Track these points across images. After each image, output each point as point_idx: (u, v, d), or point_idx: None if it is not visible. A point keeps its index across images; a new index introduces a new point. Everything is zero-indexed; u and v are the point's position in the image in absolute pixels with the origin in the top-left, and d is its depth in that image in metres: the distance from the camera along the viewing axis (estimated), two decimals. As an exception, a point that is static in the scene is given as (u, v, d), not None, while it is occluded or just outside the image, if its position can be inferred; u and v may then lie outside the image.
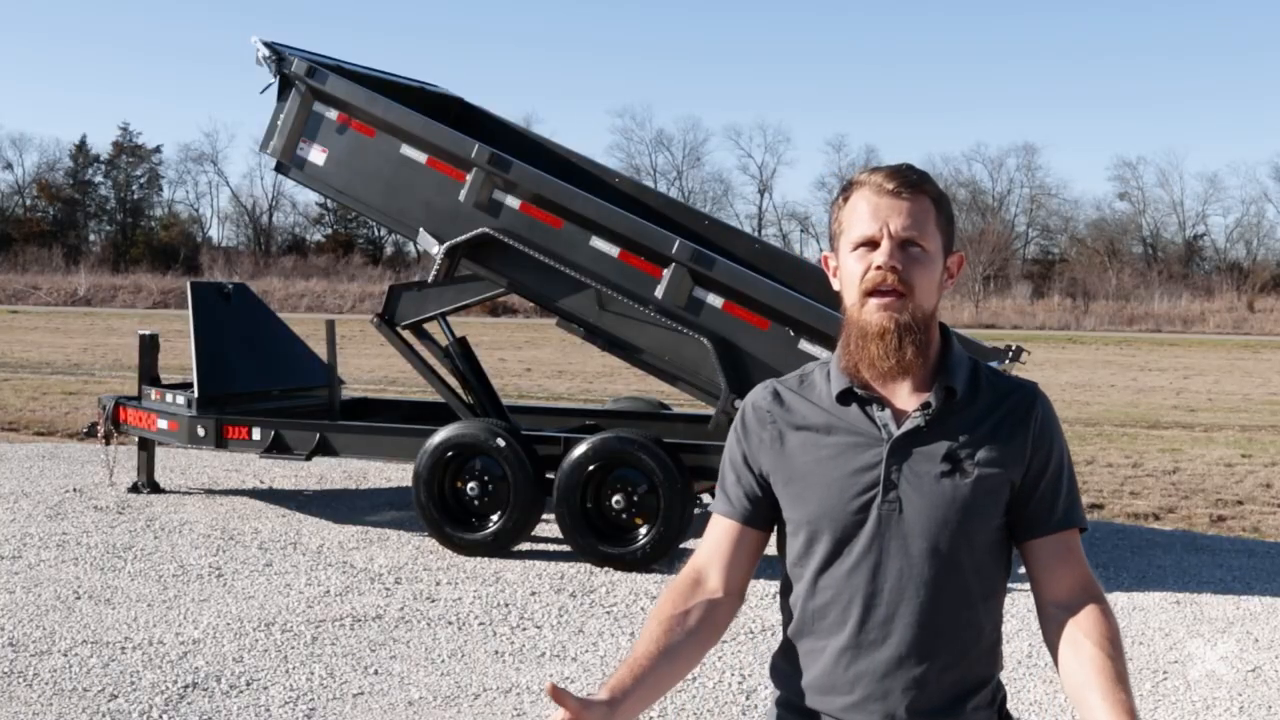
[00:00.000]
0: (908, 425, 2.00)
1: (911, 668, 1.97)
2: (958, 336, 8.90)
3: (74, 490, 9.77)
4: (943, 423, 2.00)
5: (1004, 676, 2.09)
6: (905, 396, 2.02)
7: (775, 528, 2.13)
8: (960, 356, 2.06)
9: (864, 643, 1.99)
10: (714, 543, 2.12)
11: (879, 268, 1.96)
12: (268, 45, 8.52)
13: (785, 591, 2.11)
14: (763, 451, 2.08)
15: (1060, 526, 2.03)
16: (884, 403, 2.02)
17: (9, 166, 70.56)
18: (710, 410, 7.94)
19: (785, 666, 2.10)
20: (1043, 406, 2.05)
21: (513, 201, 8.07)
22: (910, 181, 1.99)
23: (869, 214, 1.98)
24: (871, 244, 1.98)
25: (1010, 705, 2.13)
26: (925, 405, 2.00)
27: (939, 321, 2.07)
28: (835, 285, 2.08)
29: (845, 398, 2.03)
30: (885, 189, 1.98)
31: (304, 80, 8.40)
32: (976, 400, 2.03)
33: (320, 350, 9.88)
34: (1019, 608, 5.63)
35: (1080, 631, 1.96)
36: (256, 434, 8.66)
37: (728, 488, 2.14)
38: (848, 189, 2.05)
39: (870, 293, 1.97)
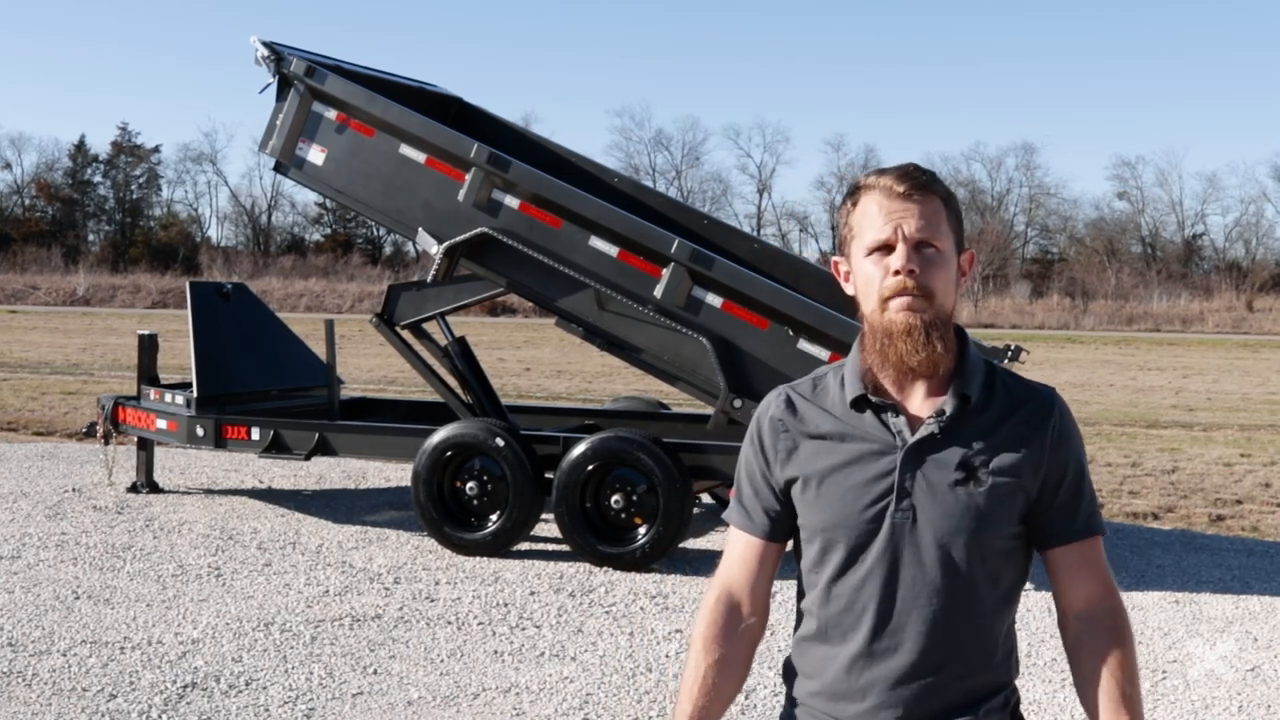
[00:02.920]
0: (922, 432, 1.98)
1: (924, 676, 1.96)
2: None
3: (73, 490, 9.77)
4: (957, 430, 1.98)
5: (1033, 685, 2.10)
6: (920, 403, 2.01)
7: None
8: (976, 361, 2.05)
9: (877, 651, 1.98)
10: (741, 561, 2.12)
11: (897, 272, 1.95)
12: (267, 45, 8.52)
13: (800, 595, 2.11)
14: (779, 462, 2.07)
15: (1081, 535, 2.03)
16: (899, 409, 2.01)
17: (8, 166, 70.61)
18: (709, 410, 7.94)
19: (798, 670, 2.09)
20: (1060, 413, 2.03)
21: (512, 201, 8.07)
22: (920, 183, 1.98)
23: (881, 218, 1.97)
24: (886, 248, 1.97)
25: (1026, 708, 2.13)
26: (940, 412, 1.99)
27: (955, 325, 2.05)
28: (849, 290, 2.06)
29: (860, 404, 2.02)
30: (896, 191, 1.97)
31: (303, 80, 8.40)
32: (992, 406, 2.02)
33: (319, 350, 9.87)
34: (1019, 607, 5.63)
35: (1096, 654, 1.99)
36: (255, 434, 8.66)
37: (745, 501, 2.13)
38: (855, 192, 2.03)
39: (889, 297, 1.96)
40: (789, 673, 2.12)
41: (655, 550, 7.48)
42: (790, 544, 2.15)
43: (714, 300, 7.65)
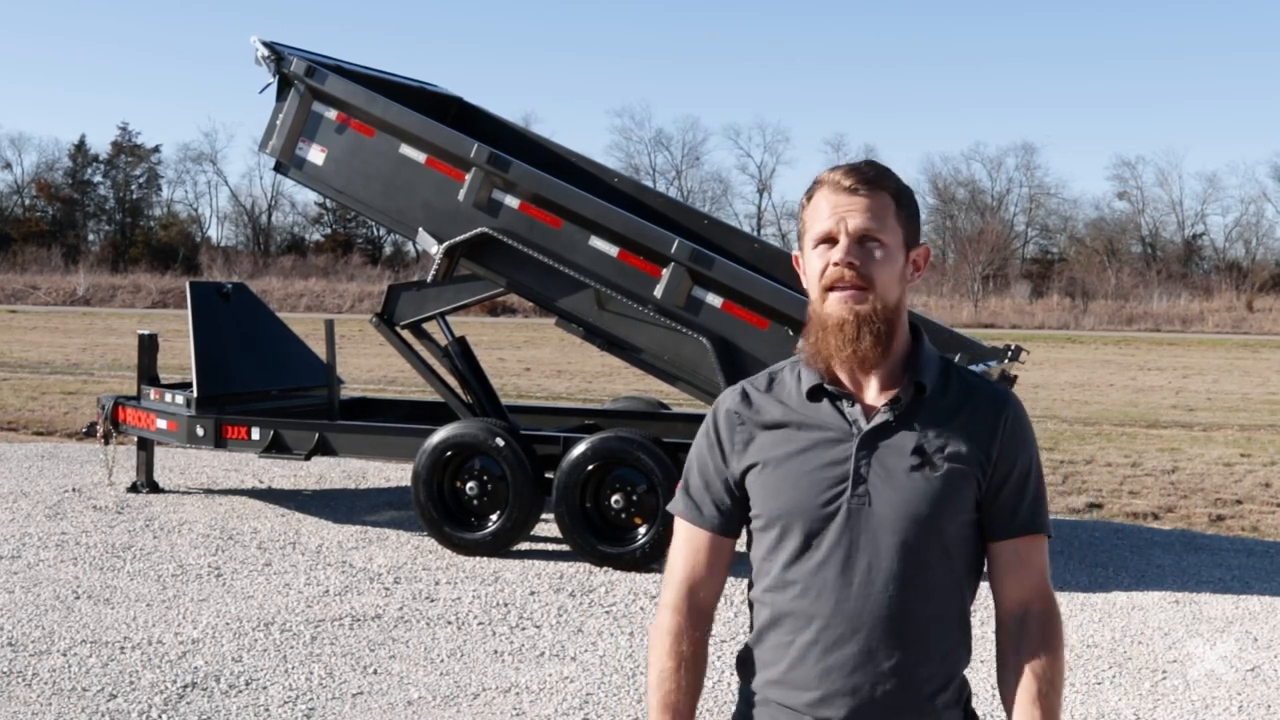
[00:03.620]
0: (877, 420, 2.02)
1: (879, 662, 1.98)
2: (955, 330, 8.85)
3: (73, 490, 9.77)
4: (912, 417, 2.02)
5: (967, 672, 2.10)
6: (875, 392, 2.04)
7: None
8: (931, 354, 2.08)
9: (832, 638, 1.99)
10: (694, 557, 2.14)
11: (836, 264, 1.99)
12: (267, 45, 8.52)
13: (751, 586, 2.13)
14: (735, 454, 2.10)
15: (1021, 531, 2.05)
16: (854, 398, 2.04)
17: (8, 166, 70.57)
18: (709, 410, 7.92)
19: (753, 660, 2.11)
20: (1014, 410, 2.07)
21: (512, 201, 8.07)
22: (868, 178, 2.02)
23: (828, 211, 2.02)
24: (830, 240, 2.01)
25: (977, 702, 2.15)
26: (895, 400, 2.02)
27: (911, 319, 2.08)
28: (804, 283, 2.10)
29: (815, 394, 2.05)
30: (843, 186, 2.01)
31: (303, 80, 8.40)
32: (947, 396, 2.05)
33: (319, 350, 9.87)
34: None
35: (1021, 655, 2.03)
36: (255, 434, 8.66)
37: (694, 494, 2.15)
38: (811, 188, 2.08)
39: (830, 288, 2.00)
40: (743, 666, 2.13)
41: (655, 550, 7.48)
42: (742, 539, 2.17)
43: (714, 300, 7.65)
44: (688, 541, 2.15)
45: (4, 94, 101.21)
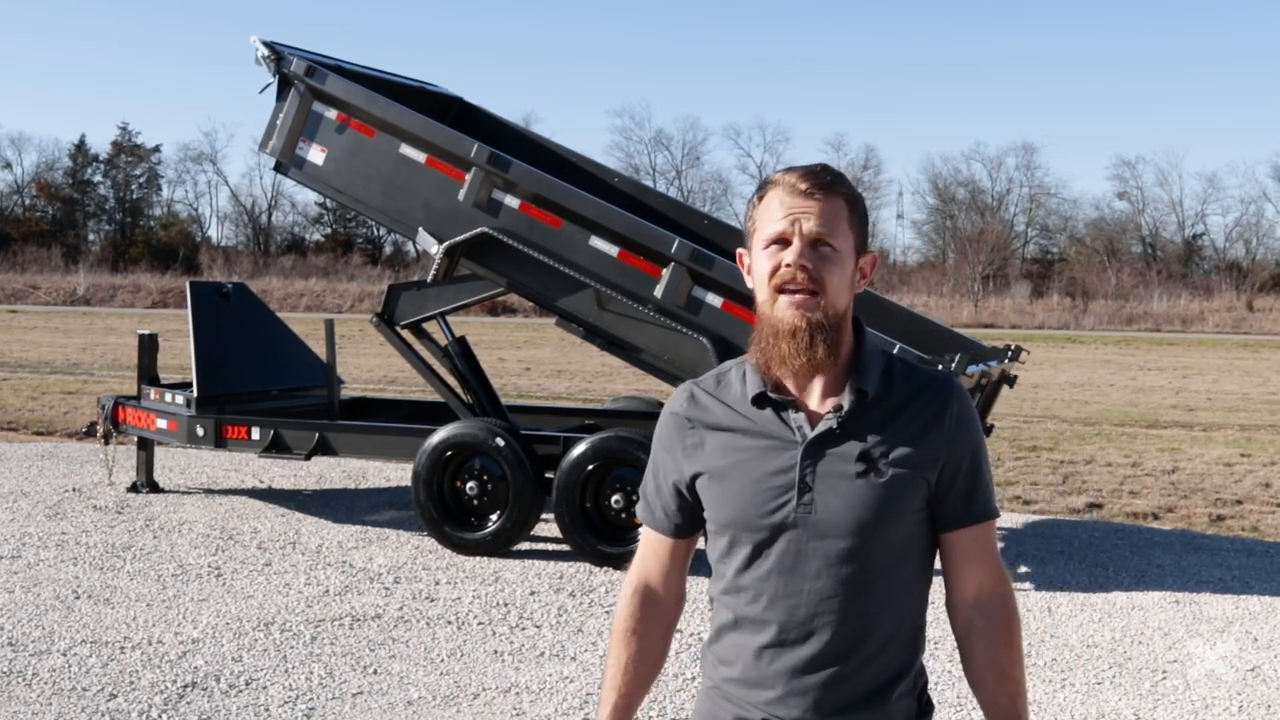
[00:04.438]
0: (821, 427, 2.02)
1: (832, 664, 2.01)
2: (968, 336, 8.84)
3: (73, 490, 9.77)
4: (856, 423, 2.03)
5: (931, 663, 2.12)
6: (818, 399, 2.05)
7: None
8: (873, 354, 2.09)
9: (785, 641, 2.02)
10: (652, 555, 2.22)
11: (789, 265, 1.99)
12: (267, 45, 8.52)
13: (713, 583, 2.15)
14: (685, 458, 2.12)
15: (975, 519, 2.08)
16: (798, 405, 2.05)
17: (8, 166, 70.59)
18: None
19: (714, 656, 2.13)
20: (958, 402, 2.07)
21: (512, 201, 8.07)
22: (823, 183, 2.03)
23: (781, 213, 2.02)
24: (783, 242, 2.01)
25: (933, 688, 2.17)
26: (838, 407, 2.03)
27: (853, 319, 2.09)
28: (749, 283, 2.10)
29: (760, 401, 2.06)
30: (798, 189, 2.02)
31: (303, 80, 8.40)
32: (890, 398, 2.05)
33: (319, 350, 9.87)
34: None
35: (985, 641, 2.08)
36: (255, 434, 8.66)
37: (649, 498, 2.20)
38: (763, 188, 2.08)
39: (781, 289, 2.00)
40: (705, 661, 2.16)
41: (655, 550, 7.47)
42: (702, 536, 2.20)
43: (714, 300, 7.65)
44: (646, 543, 2.23)
45: (4, 94, 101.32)
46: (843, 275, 2.02)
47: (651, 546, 2.21)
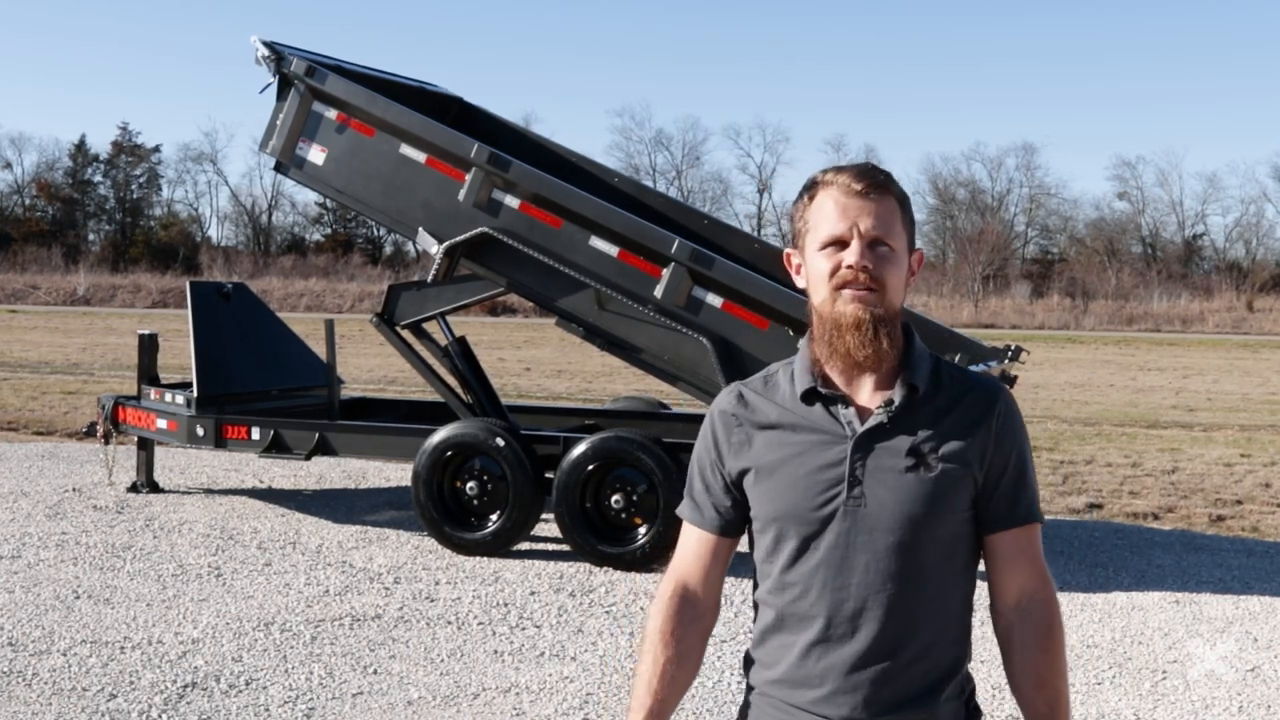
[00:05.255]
0: (871, 421, 2.03)
1: (880, 661, 2.00)
2: (954, 331, 8.85)
3: (73, 490, 9.77)
4: (906, 418, 2.03)
5: (970, 667, 2.12)
6: (868, 394, 2.06)
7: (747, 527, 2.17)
8: (922, 353, 2.10)
9: (833, 637, 2.02)
10: (694, 556, 2.19)
11: (850, 267, 2.00)
12: (267, 45, 8.52)
13: (755, 587, 2.14)
14: (732, 456, 2.12)
15: (1020, 521, 2.08)
16: (848, 401, 2.06)
17: (8, 166, 70.57)
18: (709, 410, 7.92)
19: (756, 659, 2.13)
20: (1005, 403, 2.09)
21: (512, 201, 8.07)
22: (878, 182, 2.04)
23: (837, 214, 2.02)
24: (840, 243, 2.02)
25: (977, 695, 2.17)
26: (888, 402, 2.04)
27: (903, 319, 2.10)
28: (799, 283, 2.12)
29: (809, 397, 2.06)
30: (853, 189, 2.02)
31: (303, 80, 8.40)
32: (939, 395, 2.07)
33: (319, 350, 9.87)
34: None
35: (1027, 646, 2.07)
36: (255, 434, 8.66)
37: (696, 496, 2.18)
38: (812, 188, 2.08)
39: (841, 287, 2.01)
40: (748, 663, 2.16)
41: (655, 550, 7.48)
42: (744, 538, 2.19)
43: (714, 300, 7.65)
44: (689, 542, 2.20)
45: (4, 94, 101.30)
46: (899, 274, 2.04)
47: (693, 547, 2.19)
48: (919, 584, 2.01)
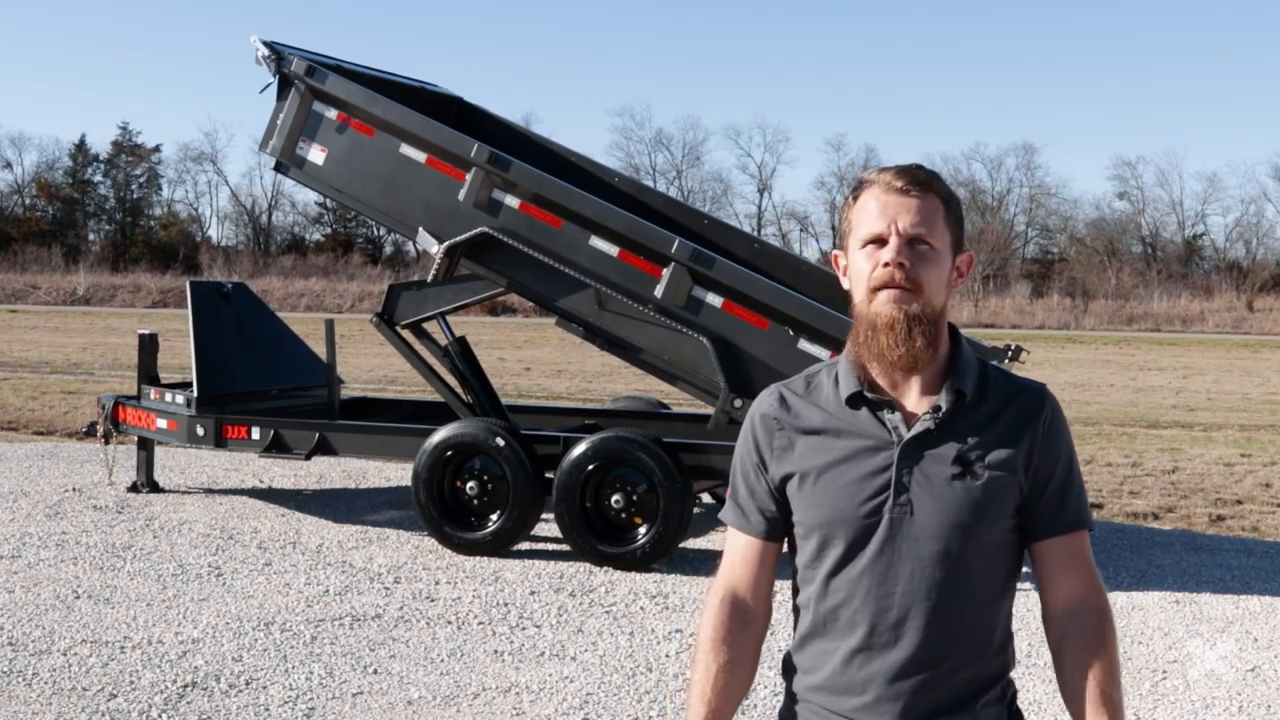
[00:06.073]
0: (918, 428, 2.00)
1: (923, 669, 1.98)
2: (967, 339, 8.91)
3: (73, 490, 9.77)
4: (953, 425, 2.00)
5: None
6: (915, 399, 2.03)
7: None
8: (969, 358, 2.07)
9: (876, 644, 1.99)
10: (741, 562, 2.14)
11: (886, 264, 1.97)
12: (267, 45, 8.52)
13: (796, 592, 2.12)
14: (774, 459, 2.08)
15: (1068, 528, 2.05)
16: (894, 405, 2.03)
17: (8, 166, 70.54)
18: (710, 410, 7.94)
19: (797, 665, 2.11)
20: (1051, 409, 2.07)
21: (512, 201, 8.07)
22: (919, 180, 2.01)
23: (877, 212, 2.00)
24: (880, 241, 2.00)
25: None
26: (935, 408, 2.01)
27: (949, 323, 2.06)
28: (845, 284, 2.08)
29: (855, 401, 2.03)
30: (894, 187, 2.00)
31: (303, 79, 8.40)
32: (985, 402, 2.04)
33: (320, 350, 9.87)
34: (1018, 606, 5.63)
35: (1079, 653, 2.01)
36: (256, 433, 8.66)
37: (741, 501, 2.14)
38: (858, 188, 2.06)
39: (878, 288, 1.98)
40: (788, 669, 2.13)
41: (655, 550, 7.48)
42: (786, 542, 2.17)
43: (714, 300, 7.65)
44: (735, 548, 2.15)
45: (4, 94, 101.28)
46: (940, 273, 2.00)
47: (741, 553, 2.13)
48: (963, 593, 1.98)
